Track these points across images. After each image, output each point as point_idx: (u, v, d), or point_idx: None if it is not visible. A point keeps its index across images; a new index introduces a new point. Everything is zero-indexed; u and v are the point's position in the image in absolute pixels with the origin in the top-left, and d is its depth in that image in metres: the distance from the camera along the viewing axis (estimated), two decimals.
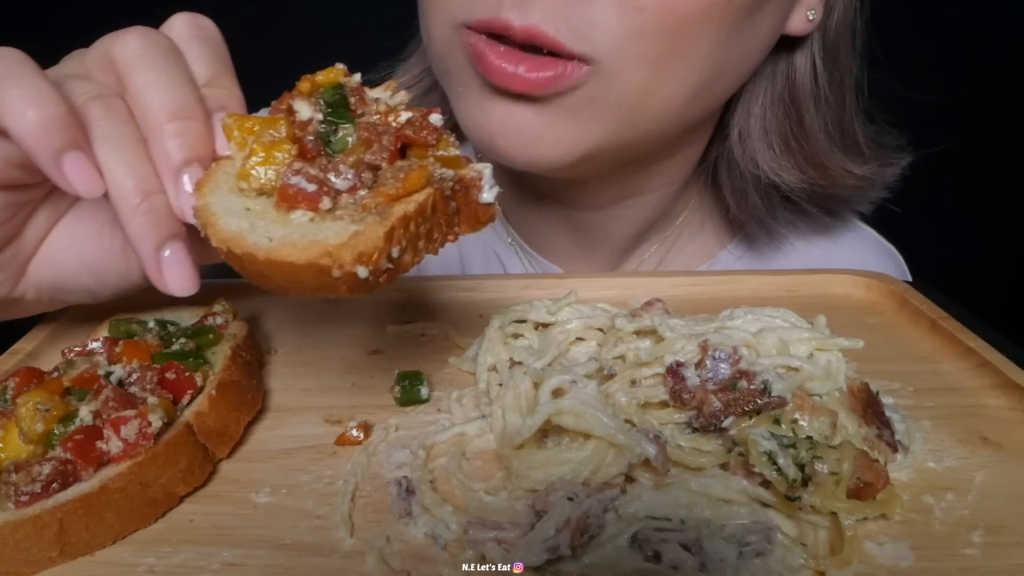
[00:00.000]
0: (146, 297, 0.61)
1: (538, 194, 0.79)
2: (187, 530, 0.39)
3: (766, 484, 0.39)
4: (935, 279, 0.66)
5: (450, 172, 0.37)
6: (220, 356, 0.48)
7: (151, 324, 0.51)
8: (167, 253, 0.41)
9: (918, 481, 0.42)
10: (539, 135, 0.61)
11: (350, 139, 0.37)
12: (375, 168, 0.36)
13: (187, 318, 0.54)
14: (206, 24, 0.46)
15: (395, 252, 0.34)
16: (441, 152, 0.38)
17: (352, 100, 0.39)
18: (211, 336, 0.49)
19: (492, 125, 0.61)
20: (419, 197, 0.35)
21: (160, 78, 0.41)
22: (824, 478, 0.37)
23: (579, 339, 0.54)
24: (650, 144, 0.67)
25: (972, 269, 1.78)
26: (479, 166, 0.38)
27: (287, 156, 0.37)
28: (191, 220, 0.40)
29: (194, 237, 0.42)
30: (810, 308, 0.57)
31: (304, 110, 0.38)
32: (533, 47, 0.57)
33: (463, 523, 0.37)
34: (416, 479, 0.41)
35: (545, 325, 0.56)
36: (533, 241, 0.85)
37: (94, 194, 0.40)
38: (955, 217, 1.89)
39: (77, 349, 0.48)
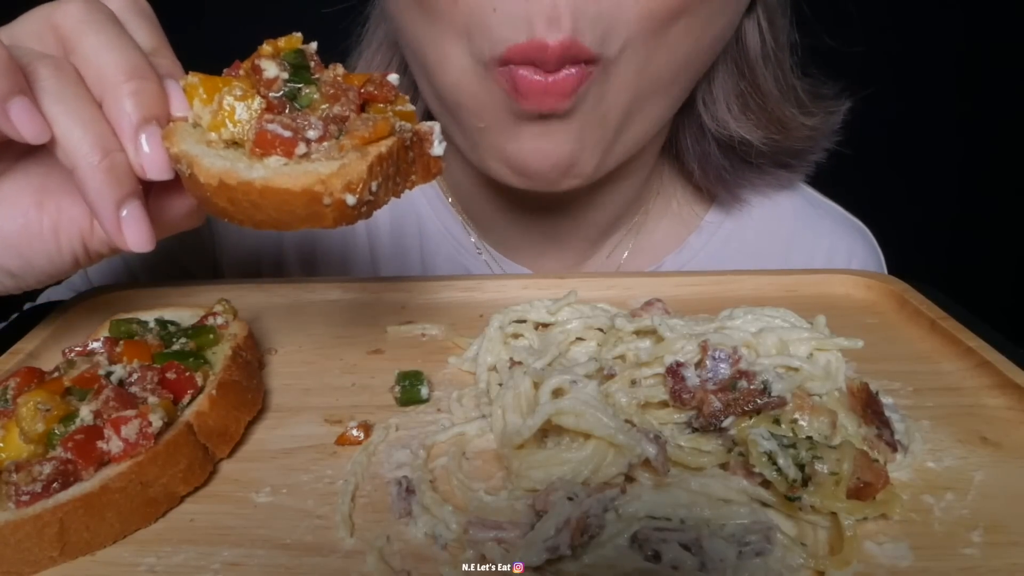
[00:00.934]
0: (147, 297, 0.61)
1: (512, 190, 0.77)
2: (187, 530, 0.39)
3: (766, 484, 0.39)
4: (935, 279, 0.66)
5: (408, 125, 0.42)
6: (220, 356, 0.48)
7: (151, 324, 0.51)
8: (125, 211, 0.42)
9: (918, 481, 0.42)
10: (573, 153, 0.63)
11: (315, 96, 0.41)
12: (340, 121, 0.40)
13: (187, 318, 0.54)
14: (142, 0, 0.47)
15: (374, 187, 0.39)
16: (399, 108, 0.42)
17: (312, 64, 0.42)
18: (211, 336, 0.49)
19: (524, 152, 0.63)
20: (387, 142, 0.39)
21: (111, 41, 0.42)
22: (824, 478, 0.37)
23: (579, 339, 0.54)
24: (653, 123, 0.68)
25: (972, 269, 1.78)
26: (430, 123, 0.43)
27: (258, 109, 0.40)
28: (151, 176, 0.42)
29: (147, 200, 0.43)
30: (810, 308, 0.57)
31: (271, 69, 0.41)
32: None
33: (463, 523, 0.37)
34: (416, 479, 0.41)
35: (545, 325, 0.56)
36: (498, 239, 0.84)
37: (41, 140, 0.40)
38: (955, 217, 1.89)
39: (77, 349, 0.48)
